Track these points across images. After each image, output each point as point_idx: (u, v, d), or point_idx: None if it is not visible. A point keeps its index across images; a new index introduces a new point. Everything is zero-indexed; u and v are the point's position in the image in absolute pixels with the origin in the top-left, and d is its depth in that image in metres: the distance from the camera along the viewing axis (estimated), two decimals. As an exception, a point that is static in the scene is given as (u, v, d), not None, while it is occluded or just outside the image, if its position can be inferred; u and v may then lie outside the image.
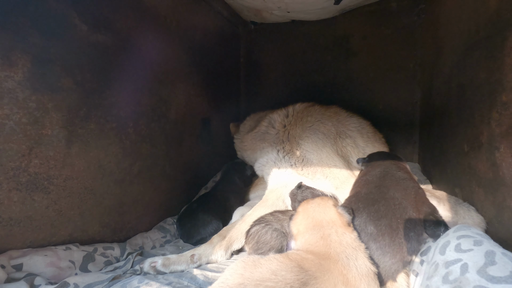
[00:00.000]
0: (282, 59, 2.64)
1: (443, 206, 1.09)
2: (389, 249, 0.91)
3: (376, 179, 1.15)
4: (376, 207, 1.00)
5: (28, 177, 1.08)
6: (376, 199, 1.03)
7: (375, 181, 1.14)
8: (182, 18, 1.86)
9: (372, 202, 1.02)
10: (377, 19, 2.28)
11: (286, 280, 0.74)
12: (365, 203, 1.03)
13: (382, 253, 0.91)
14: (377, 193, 1.05)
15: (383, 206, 0.99)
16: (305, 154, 1.60)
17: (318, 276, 0.78)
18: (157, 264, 1.19)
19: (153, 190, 1.68)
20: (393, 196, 1.03)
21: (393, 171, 1.18)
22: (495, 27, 1.02)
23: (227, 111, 2.48)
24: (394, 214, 0.97)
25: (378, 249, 0.92)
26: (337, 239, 0.89)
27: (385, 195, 1.04)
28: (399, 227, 0.94)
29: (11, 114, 1.02)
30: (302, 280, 0.75)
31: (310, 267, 0.80)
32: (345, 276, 0.80)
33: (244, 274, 0.76)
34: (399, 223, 0.95)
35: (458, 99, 1.34)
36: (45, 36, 1.11)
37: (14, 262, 1.01)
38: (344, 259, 0.83)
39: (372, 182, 1.14)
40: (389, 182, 1.11)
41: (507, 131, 0.91)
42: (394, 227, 0.94)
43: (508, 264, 0.69)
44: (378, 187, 1.09)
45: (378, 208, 0.99)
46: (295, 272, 0.76)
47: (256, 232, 1.23)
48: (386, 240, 0.92)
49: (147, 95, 1.61)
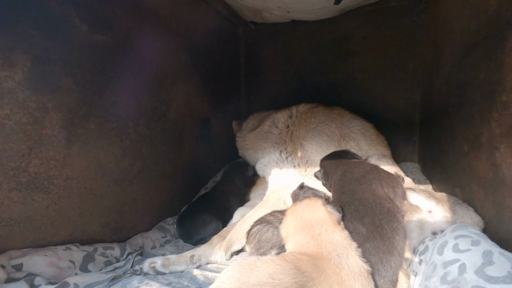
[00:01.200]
0: (282, 59, 2.64)
1: (442, 206, 1.09)
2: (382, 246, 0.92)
3: (340, 187, 1.17)
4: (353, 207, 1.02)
5: (28, 177, 1.08)
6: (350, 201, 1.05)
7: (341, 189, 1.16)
8: (182, 18, 1.87)
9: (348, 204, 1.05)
10: (377, 19, 2.28)
11: (284, 283, 0.72)
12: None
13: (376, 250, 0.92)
14: (350, 197, 1.07)
15: (360, 206, 1.01)
16: (309, 156, 1.60)
17: (315, 277, 0.76)
18: (156, 265, 1.19)
19: (153, 190, 1.68)
20: (363, 197, 1.04)
21: (350, 172, 1.21)
22: (495, 27, 1.02)
23: (227, 111, 2.48)
24: (374, 212, 0.98)
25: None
26: (328, 238, 0.88)
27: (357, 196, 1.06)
28: (382, 223, 0.95)
29: (11, 114, 1.02)
30: (300, 283, 0.73)
31: (306, 268, 0.78)
32: (339, 275, 0.79)
33: (241, 279, 0.75)
34: (381, 219, 0.96)
35: (458, 99, 1.34)
36: (45, 36, 1.11)
37: (14, 262, 1.02)
38: (336, 258, 0.82)
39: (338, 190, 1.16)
40: (352, 185, 1.13)
41: (507, 131, 0.91)
42: (377, 223, 0.95)
43: (505, 264, 0.69)
44: (348, 192, 1.11)
45: (356, 208, 1.01)
46: (292, 275, 0.75)
47: (258, 231, 1.23)
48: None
49: (147, 95, 1.61)
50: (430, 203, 1.10)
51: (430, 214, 1.09)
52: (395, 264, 0.90)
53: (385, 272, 0.89)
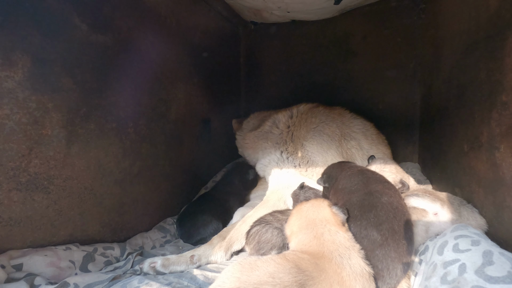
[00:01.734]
0: (282, 59, 2.64)
1: (447, 208, 1.08)
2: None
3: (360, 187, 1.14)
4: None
5: (28, 177, 1.08)
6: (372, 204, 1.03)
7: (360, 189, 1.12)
8: (182, 18, 1.87)
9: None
10: (377, 19, 2.28)
11: (284, 282, 0.72)
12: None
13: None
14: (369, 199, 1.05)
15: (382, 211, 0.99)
16: (310, 156, 1.60)
17: (315, 276, 0.77)
18: (156, 265, 1.19)
19: (153, 190, 1.68)
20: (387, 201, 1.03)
21: (371, 173, 1.19)
22: (495, 27, 1.02)
23: (227, 111, 2.48)
24: (395, 217, 0.98)
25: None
26: (330, 238, 0.88)
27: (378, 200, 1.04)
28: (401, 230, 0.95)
29: (11, 114, 1.02)
30: (300, 282, 0.73)
31: (307, 267, 0.79)
32: (340, 275, 0.79)
33: (241, 278, 0.75)
34: (399, 226, 0.96)
35: (458, 99, 1.34)
36: (45, 36, 1.11)
37: (14, 262, 1.02)
38: (338, 258, 0.82)
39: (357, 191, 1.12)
40: (373, 185, 1.10)
41: (507, 131, 0.91)
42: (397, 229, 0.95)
43: (506, 264, 0.69)
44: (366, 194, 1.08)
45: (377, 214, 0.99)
46: (292, 273, 0.75)
47: (257, 232, 1.23)
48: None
49: (147, 95, 1.61)
50: (435, 205, 1.09)
51: (435, 216, 1.08)
52: (401, 273, 0.90)
53: (389, 279, 0.89)
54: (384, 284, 0.88)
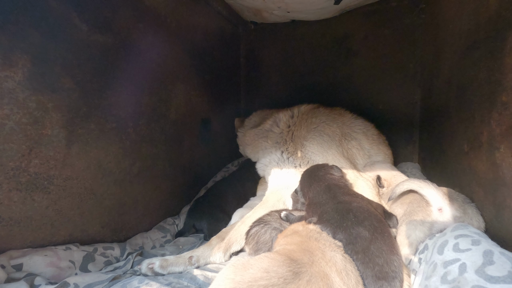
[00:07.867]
0: (282, 59, 2.64)
1: (453, 205, 1.08)
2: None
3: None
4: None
5: (28, 177, 1.08)
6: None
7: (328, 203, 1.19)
8: (182, 18, 1.87)
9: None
10: (377, 19, 2.28)
11: (279, 274, 0.75)
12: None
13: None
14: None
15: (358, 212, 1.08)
16: (310, 156, 1.59)
17: (306, 262, 0.82)
18: (154, 266, 1.19)
19: (153, 190, 1.68)
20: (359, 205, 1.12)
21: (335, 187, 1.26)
22: (495, 27, 1.02)
23: (227, 111, 2.48)
24: (370, 216, 1.06)
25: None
26: (302, 228, 1.04)
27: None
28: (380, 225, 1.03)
29: (11, 114, 1.02)
30: (294, 270, 0.78)
31: (298, 256, 0.84)
32: (321, 249, 0.89)
33: (235, 278, 0.76)
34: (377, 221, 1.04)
35: (458, 99, 1.34)
36: (45, 36, 1.11)
37: (14, 262, 1.02)
38: (315, 236, 0.97)
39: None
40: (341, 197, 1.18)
41: (507, 131, 0.91)
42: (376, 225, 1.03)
43: (506, 264, 0.69)
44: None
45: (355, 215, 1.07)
46: (286, 264, 0.79)
47: (256, 233, 1.23)
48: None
49: (147, 95, 1.61)
50: (444, 201, 1.08)
51: (440, 212, 1.07)
52: (397, 263, 0.90)
53: (392, 273, 0.88)
54: (391, 280, 0.87)
